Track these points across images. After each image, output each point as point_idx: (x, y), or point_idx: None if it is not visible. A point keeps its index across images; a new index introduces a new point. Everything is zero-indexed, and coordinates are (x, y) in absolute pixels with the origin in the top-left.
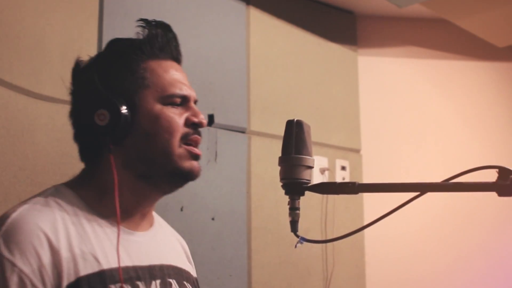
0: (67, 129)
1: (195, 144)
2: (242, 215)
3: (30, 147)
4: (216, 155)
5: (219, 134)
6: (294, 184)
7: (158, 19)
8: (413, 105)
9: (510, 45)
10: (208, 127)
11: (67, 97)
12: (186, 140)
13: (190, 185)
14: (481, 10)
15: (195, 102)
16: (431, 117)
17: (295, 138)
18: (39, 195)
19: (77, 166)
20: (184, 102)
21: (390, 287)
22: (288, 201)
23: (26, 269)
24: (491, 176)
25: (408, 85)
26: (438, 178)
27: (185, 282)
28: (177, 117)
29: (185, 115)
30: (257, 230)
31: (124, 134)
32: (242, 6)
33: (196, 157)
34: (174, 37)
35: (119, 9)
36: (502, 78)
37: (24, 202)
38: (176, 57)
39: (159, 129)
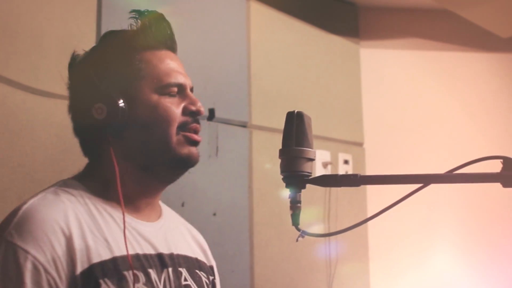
0: (66, 125)
1: (195, 132)
2: (244, 210)
3: (29, 143)
4: (217, 150)
5: (220, 129)
6: (295, 177)
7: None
8: (416, 97)
9: None
10: (209, 122)
11: (65, 92)
12: (184, 129)
13: (191, 180)
14: (484, 0)
15: (192, 89)
16: (434, 109)
17: (295, 130)
18: (48, 188)
19: (76, 162)
20: (180, 90)
21: (394, 282)
22: (289, 194)
23: (39, 256)
24: (496, 167)
25: (410, 77)
26: (442, 171)
27: (197, 271)
28: (174, 107)
29: (183, 104)
30: (259, 225)
31: (122, 126)
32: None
33: (194, 143)
34: (168, 26)
35: (117, 2)
36: (505, 69)
37: (35, 195)
38: (171, 46)
39: (156, 119)
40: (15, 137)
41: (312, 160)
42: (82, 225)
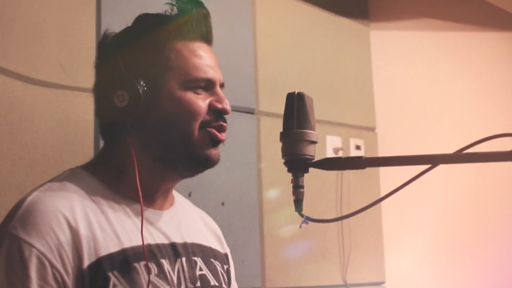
0: (67, 115)
1: (220, 130)
2: (253, 199)
3: (29, 135)
4: None
5: (227, 116)
6: (297, 161)
7: None
8: (428, 80)
9: None
10: None
11: (65, 82)
12: (209, 125)
13: None
14: None
15: (222, 85)
16: (448, 91)
17: (296, 112)
18: (54, 179)
19: (78, 153)
20: (209, 86)
21: (411, 270)
22: (292, 179)
23: (44, 250)
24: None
25: (422, 59)
26: None
27: (212, 260)
28: (200, 102)
29: (209, 100)
30: (269, 214)
31: (143, 116)
32: None
33: (217, 142)
34: (205, 17)
35: None
36: None
37: (40, 186)
38: (206, 38)
39: (179, 112)
40: (15, 129)
41: (314, 142)
42: (89, 217)
